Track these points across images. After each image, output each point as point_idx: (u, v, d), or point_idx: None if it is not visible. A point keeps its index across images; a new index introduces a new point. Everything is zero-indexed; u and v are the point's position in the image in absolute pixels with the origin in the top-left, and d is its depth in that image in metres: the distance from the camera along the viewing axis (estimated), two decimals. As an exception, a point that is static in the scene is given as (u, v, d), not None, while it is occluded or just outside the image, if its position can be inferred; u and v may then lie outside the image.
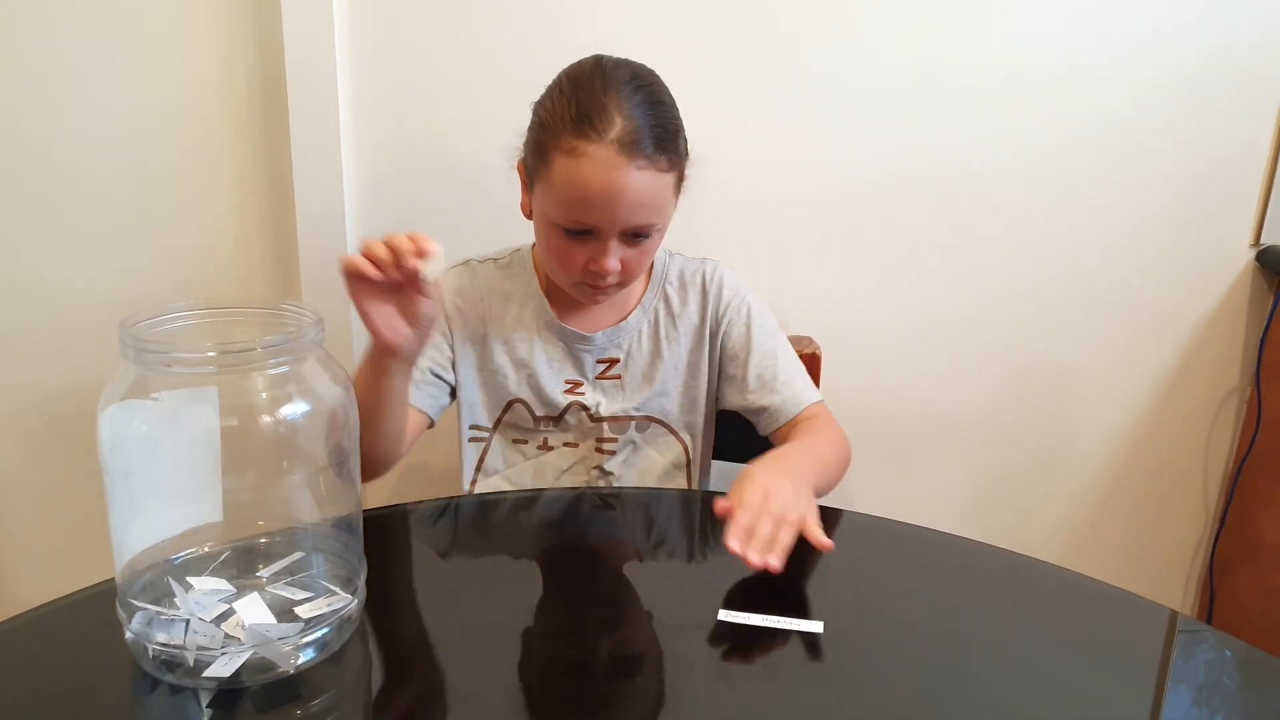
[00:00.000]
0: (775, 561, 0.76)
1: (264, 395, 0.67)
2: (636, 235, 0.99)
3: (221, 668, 0.61)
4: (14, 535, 1.47)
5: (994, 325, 1.50)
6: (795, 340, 1.29)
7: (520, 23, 1.32)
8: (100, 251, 1.37)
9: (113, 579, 0.67)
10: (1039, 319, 1.50)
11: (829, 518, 0.97)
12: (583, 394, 1.10)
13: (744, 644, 0.72)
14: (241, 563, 0.72)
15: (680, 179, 1.01)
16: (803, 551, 0.79)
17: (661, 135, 0.96)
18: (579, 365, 1.11)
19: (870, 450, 1.55)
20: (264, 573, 0.71)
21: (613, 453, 1.12)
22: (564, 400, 1.10)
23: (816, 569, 0.83)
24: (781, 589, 0.78)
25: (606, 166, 0.93)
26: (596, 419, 1.11)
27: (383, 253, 0.82)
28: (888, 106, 1.39)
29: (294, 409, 0.67)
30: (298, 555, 0.72)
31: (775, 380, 1.09)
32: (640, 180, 0.94)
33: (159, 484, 0.66)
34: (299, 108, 1.31)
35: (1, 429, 1.42)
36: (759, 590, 0.78)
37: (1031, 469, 1.58)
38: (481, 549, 0.89)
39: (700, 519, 0.97)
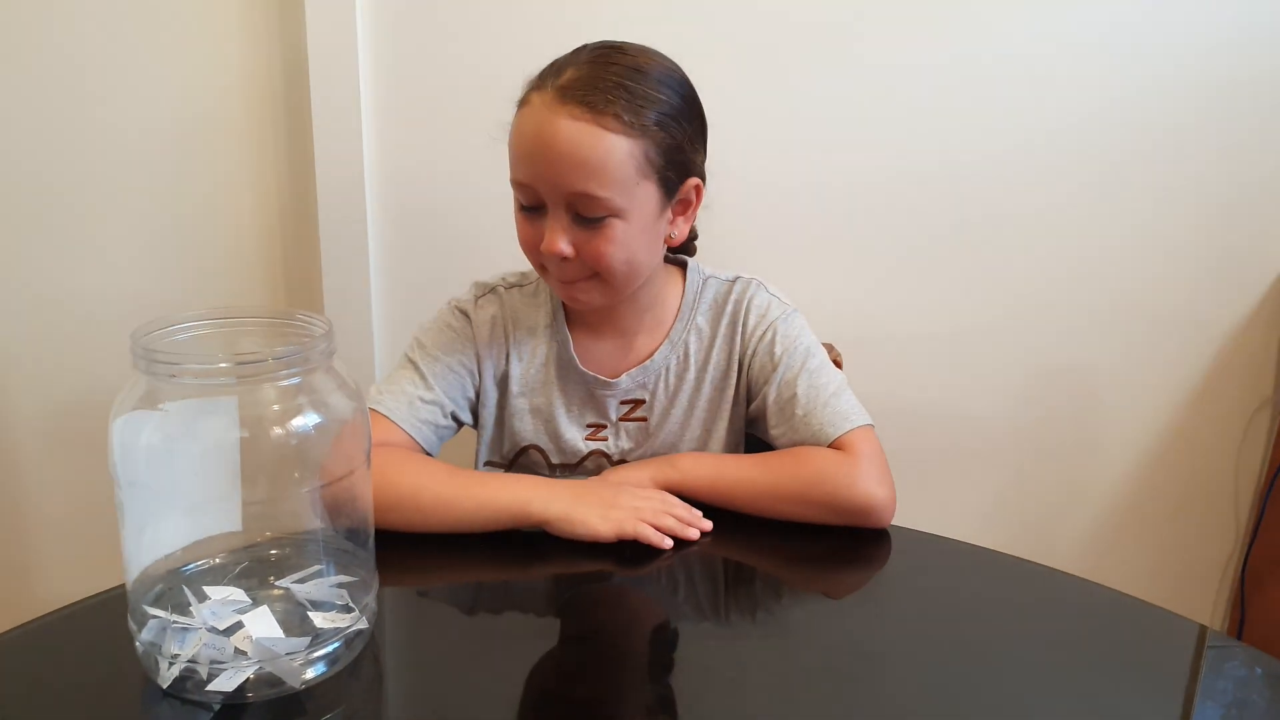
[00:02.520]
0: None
1: (275, 407, 0.66)
2: (584, 215, 0.89)
3: (226, 682, 0.61)
4: (41, 539, 1.48)
5: (1019, 333, 1.48)
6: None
7: (543, 24, 1.32)
8: (124, 256, 1.39)
9: (122, 586, 0.67)
10: (1065, 327, 1.49)
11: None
12: (605, 439, 1.04)
13: (760, 653, 0.71)
14: (253, 575, 0.72)
15: (648, 159, 0.88)
16: (815, 557, 0.78)
17: (615, 91, 0.86)
18: (601, 408, 1.04)
19: (890, 458, 1.54)
20: (275, 585, 0.71)
21: None
22: (584, 448, 1.04)
23: (836, 578, 0.82)
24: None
25: (539, 110, 0.87)
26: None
27: (673, 526, 0.87)
28: (913, 114, 1.38)
29: (305, 421, 0.67)
30: (310, 568, 0.72)
31: (794, 414, 0.97)
32: (573, 131, 0.85)
33: (171, 495, 0.66)
34: (322, 114, 1.32)
35: (28, 433, 1.44)
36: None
37: (1057, 479, 1.56)
38: (499, 564, 0.88)
39: (718, 539, 0.95)
